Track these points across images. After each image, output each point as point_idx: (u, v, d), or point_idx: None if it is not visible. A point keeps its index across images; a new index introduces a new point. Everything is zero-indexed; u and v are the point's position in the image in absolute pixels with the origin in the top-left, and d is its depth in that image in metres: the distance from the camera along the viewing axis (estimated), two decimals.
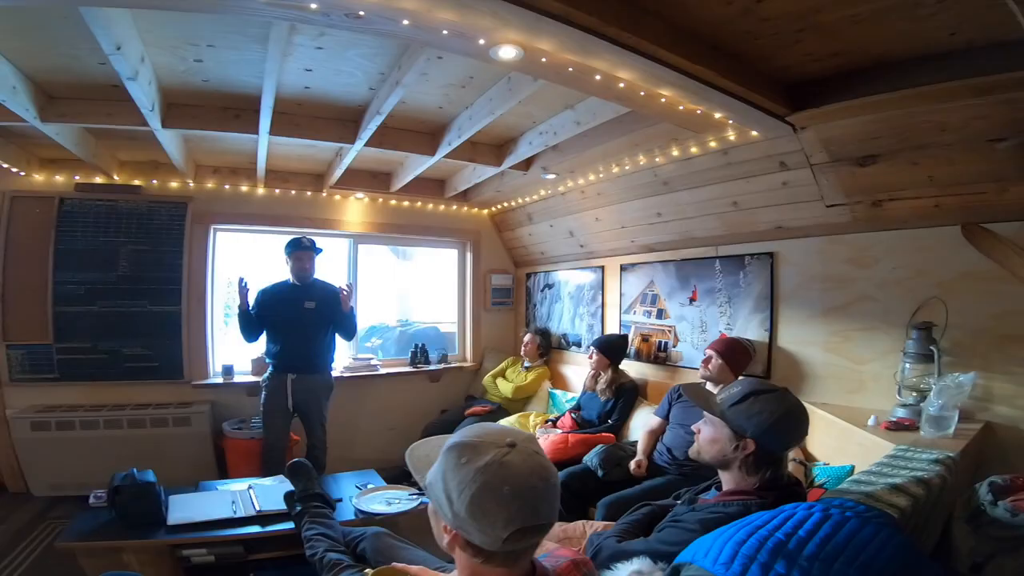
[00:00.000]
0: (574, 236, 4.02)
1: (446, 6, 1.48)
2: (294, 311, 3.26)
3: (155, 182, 3.64)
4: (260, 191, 3.92)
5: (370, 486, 2.75)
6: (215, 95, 2.56)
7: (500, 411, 3.94)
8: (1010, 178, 1.87)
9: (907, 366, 2.10)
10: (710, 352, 2.57)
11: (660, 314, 3.37)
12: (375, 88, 2.48)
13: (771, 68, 1.93)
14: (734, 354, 2.54)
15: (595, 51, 1.66)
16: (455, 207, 4.62)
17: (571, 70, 1.81)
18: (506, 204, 4.40)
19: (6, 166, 3.15)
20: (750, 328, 2.80)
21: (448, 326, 5.08)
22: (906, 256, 2.24)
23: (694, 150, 2.58)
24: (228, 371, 3.75)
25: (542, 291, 4.63)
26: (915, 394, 2.07)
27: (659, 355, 3.37)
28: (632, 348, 3.53)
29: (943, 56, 1.67)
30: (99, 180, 3.52)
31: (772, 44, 1.78)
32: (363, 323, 4.44)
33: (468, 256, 4.86)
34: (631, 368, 3.46)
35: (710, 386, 2.51)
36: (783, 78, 2.00)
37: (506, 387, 4.02)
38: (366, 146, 2.92)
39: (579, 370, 4.03)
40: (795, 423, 1.31)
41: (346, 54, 2.15)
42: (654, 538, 1.34)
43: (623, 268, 3.68)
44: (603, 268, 3.90)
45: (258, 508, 2.40)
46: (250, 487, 2.63)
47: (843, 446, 2.06)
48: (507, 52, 1.71)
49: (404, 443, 3.95)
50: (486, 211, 4.79)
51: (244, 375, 3.81)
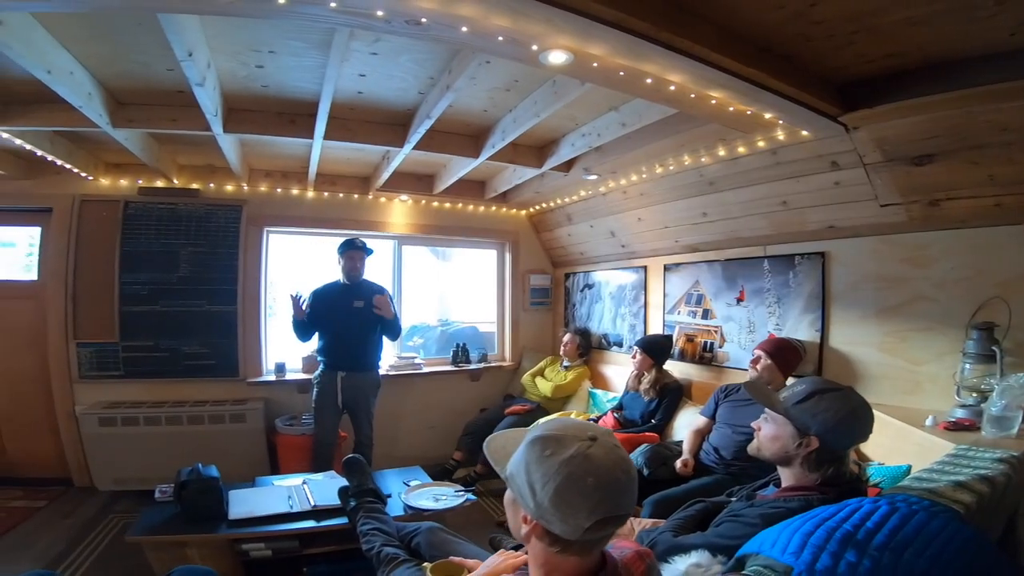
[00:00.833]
0: (615, 236, 4.05)
1: (501, 13, 1.52)
2: (344, 311, 3.38)
3: (212, 186, 3.83)
4: (310, 194, 4.08)
5: (416, 482, 2.83)
6: (273, 100, 2.66)
7: (539, 410, 3.99)
8: None
9: (967, 367, 2.06)
10: (759, 352, 2.57)
11: (706, 314, 3.37)
12: (424, 92, 2.56)
13: (823, 69, 1.94)
14: (784, 354, 2.54)
15: (647, 55, 1.69)
16: (494, 208, 4.71)
17: (622, 74, 1.85)
18: (545, 205, 4.46)
19: (76, 171, 3.34)
20: (800, 328, 2.78)
21: (486, 326, 5.17)
22: (965, 256, 2.20)
23: (741, 150, 2.58)
24: (280, 369, 3.92)
25: (581, 291, 4.67)
26: (975, 395, 2.04)
27: (704, 355, 3.37)
28: (676, 348, 3.54)
29: (1003, 56, 1.66)
30: (160, 184, 3.72)
31: (825, 46, 1.79)
32: (405, 323, 4.57)
33: (507, 256, 4.94)
34: (675, 368, 3.48)
35: (747, 380, 2.51)
36: (835, 78, 2.00)
37: (545, 386, 4.07)
38: (413, 149, 2.99)
39: (620, 370, 4.07)
40: (860, 422, 1.33)
41: (398, 59, 2.23)
42: (711, 532, 1.39)
43: (667, 268, 3.69)
44: (645, 268, 3.91)
45: (313, 503, 2.47)
46: (304, 482, 2.73)
47: (899, 446, 2.05)
48: (557, 57, 1.76)
49: (444, 441, 4.10)
50: (524, 212, 4.85)
51: (295, 372, 3.98)
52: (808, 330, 2.75)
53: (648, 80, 1.88)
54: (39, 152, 2.95)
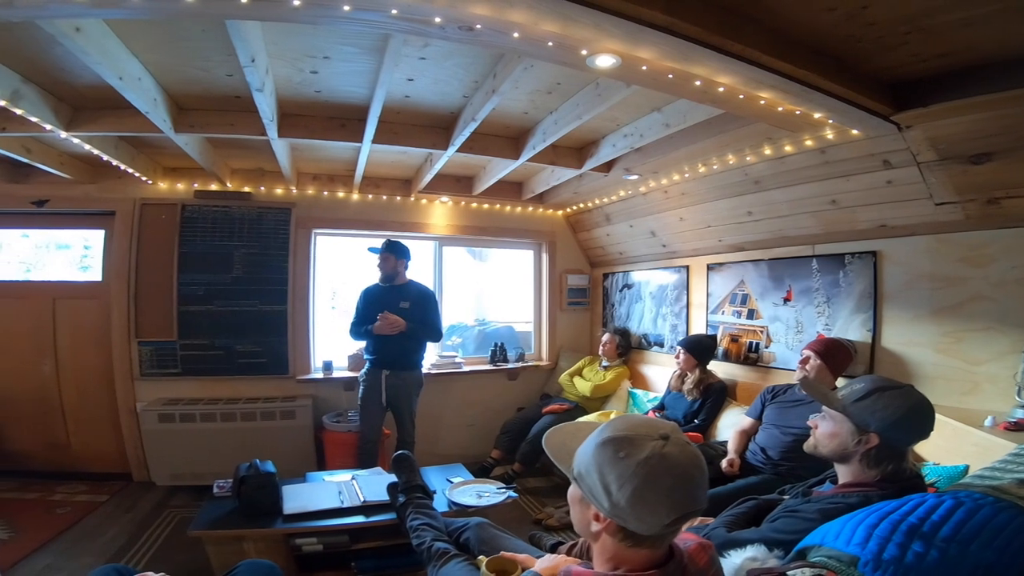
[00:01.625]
0: (656, 236, 4.06)
1: (551, 19, 1.55)
2: (390, 310, 3.47)
3: (262, 189, 4.00)
4: (355, 197, 4.22)
5: (459, 479, 2.91)
6: (324, 105, 2.74)
7: (578, 409, 4.04)
8: None
9: None
10: (808, 352, 2.56)
11: (751, 314, 3.36)
12: (468, 96, 2.61)
13: (874, 69, 1.94)
14: (834, 354, 2.53)
15: (696, 58, 1.73)
16: (530, 209, 4.77)
17: (671, 76, 1.88)
18: (582, 205, 4.50)
19: (137, 175, 3.51)
20: (851, 328, 2.76)
21: (522, 325, 5.24)
22: None
23: (788, 149, 2.58)
24: (328, 367, 4.07)
25: (620, 291, 4.70)
26: None
27: (750, 356, 3.36)
28: (720, 349, 3.54)
29: None
30: (214, 187, 3.89)
31: (876, 47, 1.80)
32: (444, 322, 4.68)
33: (544, 257, 5.00)
34: (719, 368, 3.47)
35: (801, 378, 2.51)
36: (886, 78, 2.00)
37: (584, 386, 4.11)
38: (456, 151, 3.05)
39: (660, 370, 4.08)
40: (921, 419, 1.35)
41: (445, 64, 2.28)
42: (766, 528, 1.42)
43: (710, 268, 3.69)
44: (687, 268, 3.92)
45: (363, 499, 2.54)
46: (353, 478, 2.81)
47: (956, 447, 2.03)
48: (605, 61, 1.79)
49: (483, 440, 4.18)
50: (561, 212, 4.90)
51: (341, 370, 4.12)
52: (859, 330, 2.73)
53: (697, 82, 1.91)
54: (105, 157, 3.09)
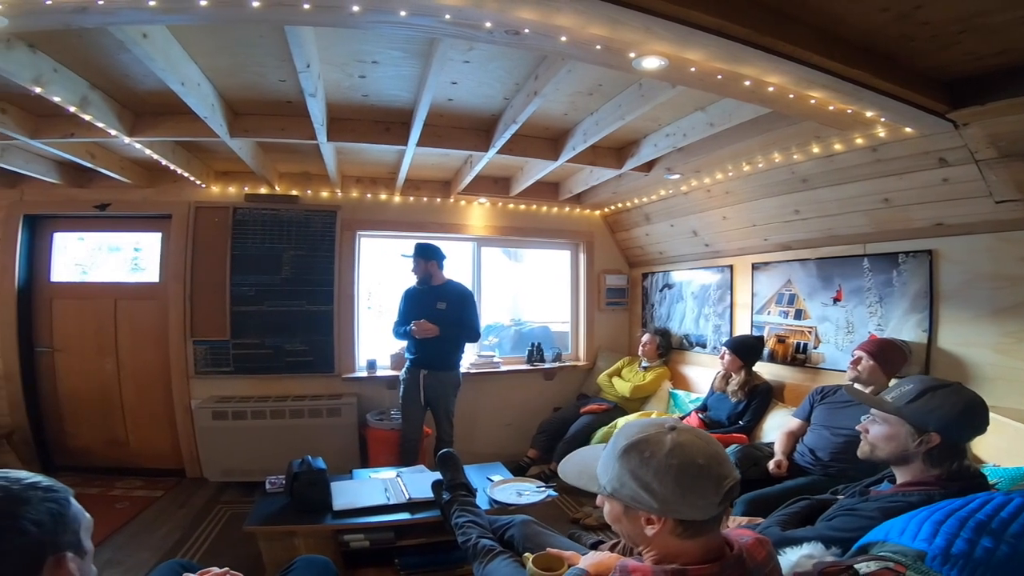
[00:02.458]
0: (698, 235, 4.06)
1: (599, 22, 1.58)
2: (428, 311, 3.56)
3: (309, 192, 4.15)
4: (396, 199, 4.34)
5: (498, 478, 2.96)
6: (371, 109, 2.81)
7: (617, 410, 4.07)
8: None
9: None
10: (859, 353, 2.54)
11: (799, 314, 3.33)
12: (508, 98, 2.66)
13: (927, 67, 1.93)
14: (887, 355, 2.50)
15: (746, 59, 1.75)
16: (567, 209, 4.81)
17: (720, 77, 1.90)
18: (621, 205, 4.52)
19: (192, 178, 3.68)
20: (905, 329, 2.72)
21: (558, 325, 5.28)
22: None
23: (838, 147, 2.57)
24: (371, 365, 4.20)
25: (660, 291, 4.70)
26: None
27: (797, 357, 3.33)
28: (766, 349, 3.51)
29: None
30: (263, 191, 4.07)
31: (929, 46, 1.79)
32: (482, 322, 4.77)
33: (581, 257, 5.03)
34: (765, 369, 3.46)
35: (858, 387, 2.49)
36: (941, 76, 1.98)
37: (623, 386, 4.13)
38: (496, 153, 3.10)
39: (702, 371, 4.08)
40: (977, 414, 1.37)
41: (487, 67, 2.33)
42: (823, 526, 1.45)
43: (755, 267, 3.67)
44: (731, 267, 3.90)
45: (408, 496, 2.60)
46: (398, 475, 2.88)
47: (1017, 448, 2.01)
48: (651, 63, 1.82)
49: (519, 439, 4.24)
50: (598, 212, 4.93)
51: (384, 369, 4.24)
52: (914, 330, 2.69)
53: (747, 82, 1.93)
54: (164, 161, 3.25)
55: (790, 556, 1.32)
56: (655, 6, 1.49)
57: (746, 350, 3.31)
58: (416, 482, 2.77)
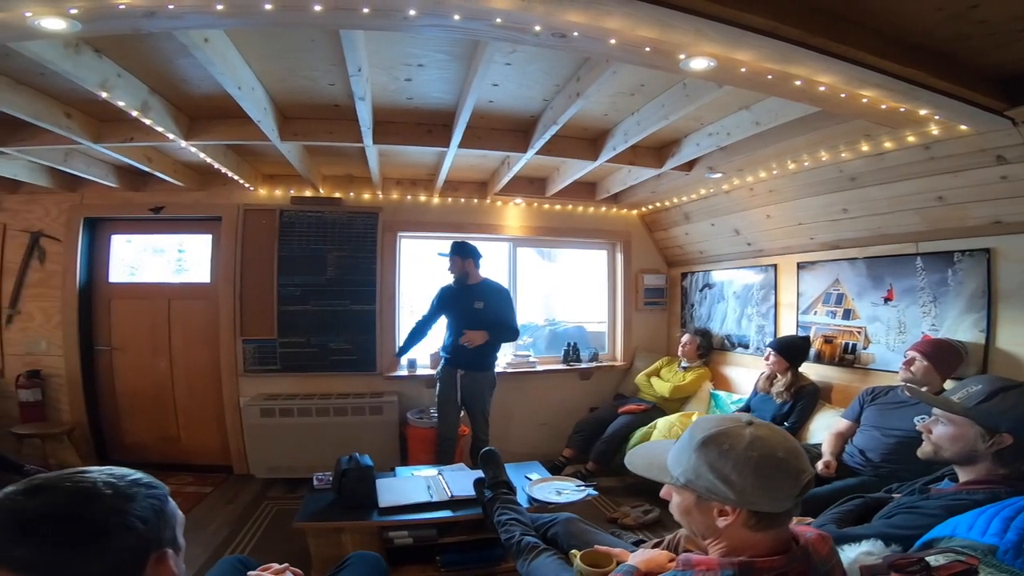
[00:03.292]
0: (740, 234, 4.06)
1: (649, 25, 1.60)
2: (464, 310, 3.63)
3: (351, 194, 4.29)
4: (435, 200, 4.44)
5: (535, 476, 3.02)
6: (413, 112, 2.88)
7: (656, 410, 4.08)
8: None
9: None
10: (913, 354, 2.53)
11: (847, 314, 3.31)
12: (548, 99, 2.70)
13: (984, 64, 1.92)
14: (942, 355, 2.48)
15: (798, 59, 1.76)
16: (604, 209, 4.85)
17: (770, 77, 1.92)
18: (659, 204, 4.53)
19: (241, 181, 3.83)
20: (961, 329, 2.69)
21: (594, 325, 5.32)
22: None
23: (888, 145, 2.56)
24: (412, 364, 4.32)
25: (701, 291, 4.70)
26: None
27: (845, 357, 3.31)
28: (813, 350, 3.50)
29: None
30: (308, 193, 4.22)
31: (985, 44, 1.79)
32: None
33: (618, 256, 5.06)
34: (811, 370, 3.44)
35: (908, 384, 2.48)
36: (998, 74, 1.97)
37: (663, 387, 4.15)
38: (535, 154, 3.14)
39: (744, 372, 4.08)
40: None
41: (528, 68, 2.36)
42: (881, 524, 1.47)
43: (800, 266, 3.65)
44: (775, 267, 3.89)
45: (451, 494, 2.67)
46: (440, 473, 2.95)
47: None
48: (699, 63, 1.84)
49: (554, 438, 4.29)
50: (636, 212, 4.95)
51: (424, 368, 4.34)
52: (971, 331, 2.66)
53: (797, 82, 1.94)
54: (216, 164, 3.38)
55: (848, 553, 1.35)
56: (706, 8, 1.51)
57: (792, 351, 3.30)
58: (457, 480, 2.83)
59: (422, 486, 2.81)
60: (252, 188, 4.07)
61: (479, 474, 2.58)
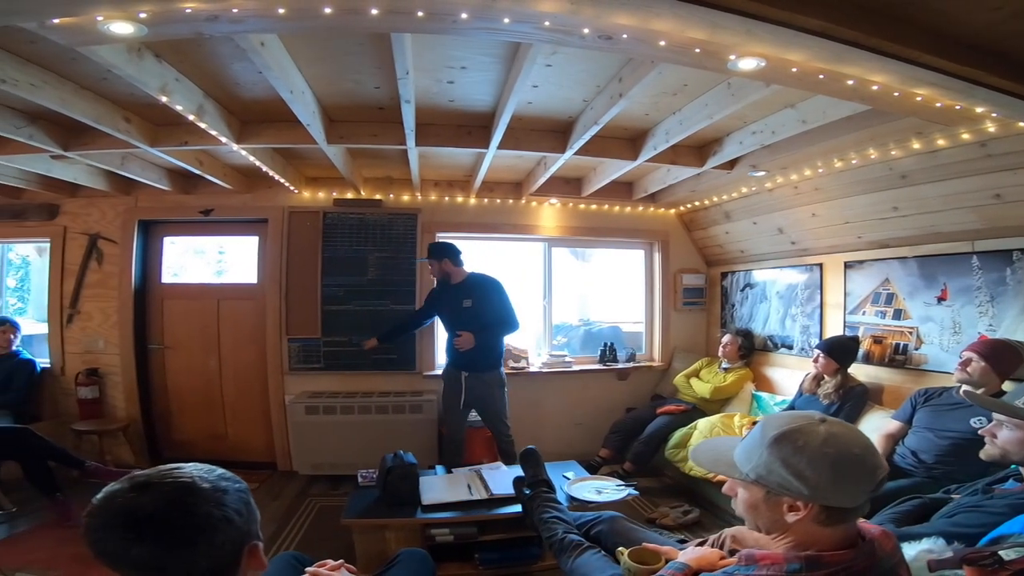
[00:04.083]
0: (784, 233, 4.04)
1: (698, 27, 1.62)
2: (453, 311, 3.63)
3: (391, 196, 4.42)
4: (471, 201, 4.53)
5: (573, 475, 3.06)
6: (455, 114, 2.93)
7: (696, 411, 4.08)
8: None
9: None
10: (969, 354, 2.50)
11: (898, 314, 3.28)
12: (588, 100, 2.72)
13: None
14: (1000, 356, 2.44)
15: (851, 59, 1.78)
16: (641, 208, 4.87)
17: (822, 77, 1.94)
18: (698, 203, 4.54)
19: (286, 184, 3.96)
20: (1021, 329, 2.65)
21: (629, 326, 5.34)
22: None
23: (941, 143, 2.54)
24: None
25: (742, 291, 4.69)
26: None
27: (896, 358, 3.28)
28: (861, 350, 3.46)
29: None
30: (350, 196, 4.36)
31: None
32: (553, 321, 4.93)
33: (656, 256, 5.08)
34: (858, 371, 3.41)
35: (967, 389, 2.46)
36: None
37: (703, 387, 4.15)
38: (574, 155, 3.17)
39: (788, 373, 4.06)
40: None
41: (569, 70, 2.39)
42: (943, 523, 1.50)
43: (847, 265, 3.63)
44: (821, 266, 3.86)
45: (491, 492, 2.73)
46: (479, 471, 3.00)
47: None
48: (748, 63, 1.86)
49: (590, 439, 4.31)
50: (673, 211, 4.96)
51: None
52: None
53: (849, 82, 1.95)
54: (264, 168, 3.51)
55: (908, 551, 1.38)
56: (757, 10, 1.53)
57: (841, 352, 3.27)
58: (497, 478, 2.88)
59: (462, 484, 2.87)
60: (296, 191, 4.21)
61: (518, 472, 2.62)
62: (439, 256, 3.65)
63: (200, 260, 4.89)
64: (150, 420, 4.34)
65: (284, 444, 4.24)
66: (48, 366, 4.21)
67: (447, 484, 2.90)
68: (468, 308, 3.57)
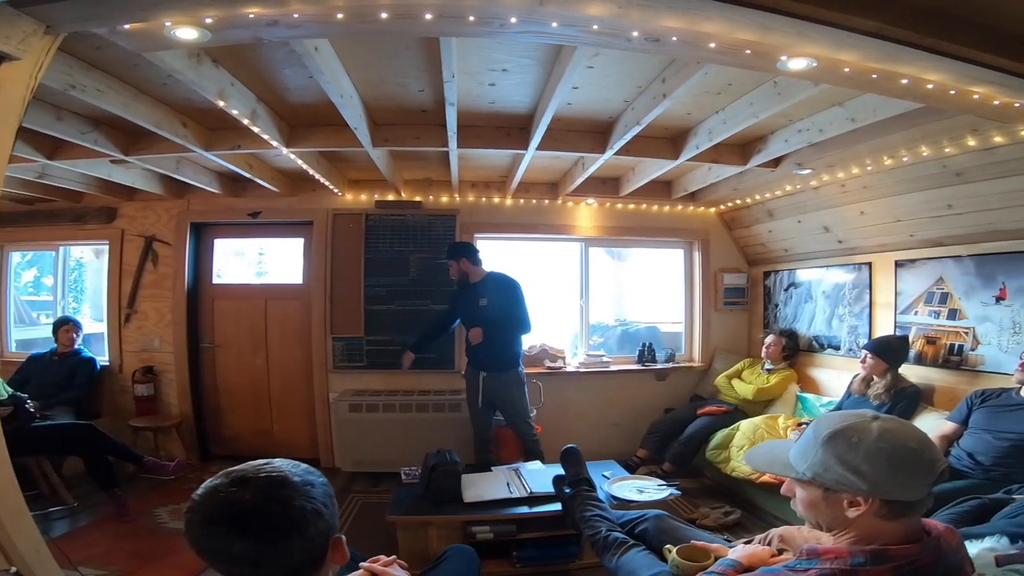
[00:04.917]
0: (830, 231, 4.01)
1: (748, 28, 1.64)
2: (471, 310, 3.67)
3: (431, 197, 4.54)
4: (508, 202, 4.61)
5: (611, 474, 3.10)
6: (494, 116, 2.98)
7: (738, 412, 4.07)
8: None
9: None
10: None
11: (952, 314, 3.23)
12: (629, 100, 2.75)
13: None
14: None
15: (905, 59, 1.78)
16: (680, 207, 4.87)
17: (875, 77, 1.95)
18: (740, 202, 4.53)
19: (330, 186, 4.11)
20: None
21: (667, 326, 5.33)
22: None
23: (998, 140, 2.51)
24: None
25: (786, 290, 4.66)
26: None
27: (950, 359, 3.24)
28: (913, 351, 3.42)
29: None
30: (391, 197, 4.49)
31: None
32: (591, 320, 4.96)
33: (696, 256, 5.07)
34: (910, 372, 3.37)
35: None
36: None
37: (745, 388, 4.14)
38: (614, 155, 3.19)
39: (834, 374, 4.03)
40: None
41: (610, 71, 2.42)
42: (1006, 523, 1.52)
43: (898, 264, 3.58)
44: (870, 265, 3.82)
45: (530, 490, 2.78)
46: (518, 469, 3.06)
47: None
48: (798, 64, 1.87)
49: (627, 439, 4.34)
50: (713, 209, 4.95)
51: None
52: None
53: (904, 81, 1.94)
54: (311, 171, 3.64)
55: (971, 549, 1.40)
56: (809, 12, 1.55)
57: (890, 352, 3.24)
58: (536, 477, 2.93)
59: (502, 482, 2.93)
60: (339, 193, 4.36)
61: (557, 471, 2.65)
62: (457, 256, 3.72)
63: (241, 261, 5.08)
64: (200, 416, 4.54)
65: (327, 440, 4.39)
66: (107, 364, 4.45)
67: (487, 482, 2.96)
68: (484, 307, 3.63)
